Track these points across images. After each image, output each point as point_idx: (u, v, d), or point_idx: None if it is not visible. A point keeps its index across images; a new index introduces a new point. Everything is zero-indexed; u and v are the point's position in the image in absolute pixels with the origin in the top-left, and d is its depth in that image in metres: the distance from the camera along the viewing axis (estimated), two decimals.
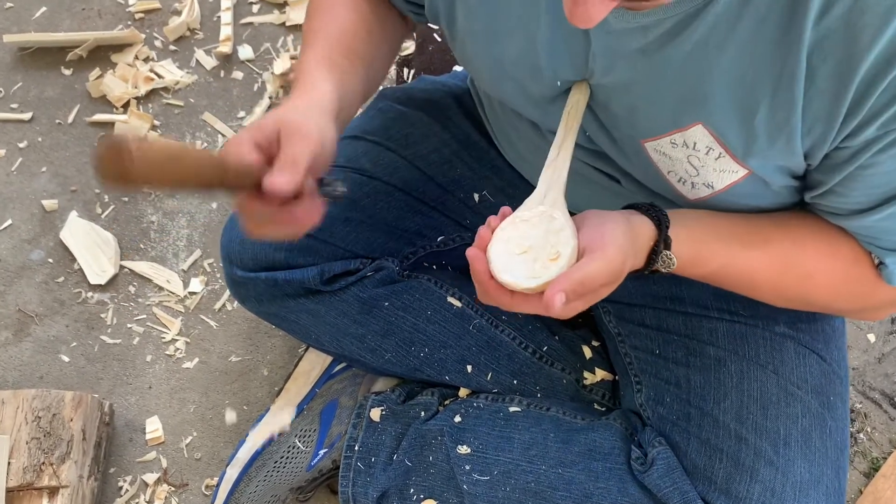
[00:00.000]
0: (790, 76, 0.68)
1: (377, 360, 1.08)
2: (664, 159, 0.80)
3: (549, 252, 0.71)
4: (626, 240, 0.73)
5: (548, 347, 1.11)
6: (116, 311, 1.32)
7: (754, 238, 0.81)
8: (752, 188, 0.79)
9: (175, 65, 1.51)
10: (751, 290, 0.86)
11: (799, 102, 0.69)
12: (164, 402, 1.26)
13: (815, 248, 0.81)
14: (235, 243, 1.06)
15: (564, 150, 0.78)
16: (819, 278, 0.82)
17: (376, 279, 1.05)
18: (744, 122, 0.72)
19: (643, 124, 0.78)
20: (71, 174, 1.43)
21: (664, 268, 0.78)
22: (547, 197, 0.75)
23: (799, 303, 0.87)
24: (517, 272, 0.71)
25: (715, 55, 0.70)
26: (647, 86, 0.75)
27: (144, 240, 1.37)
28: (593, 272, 0.69)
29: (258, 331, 1.29)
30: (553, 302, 0.67)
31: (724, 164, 0.77)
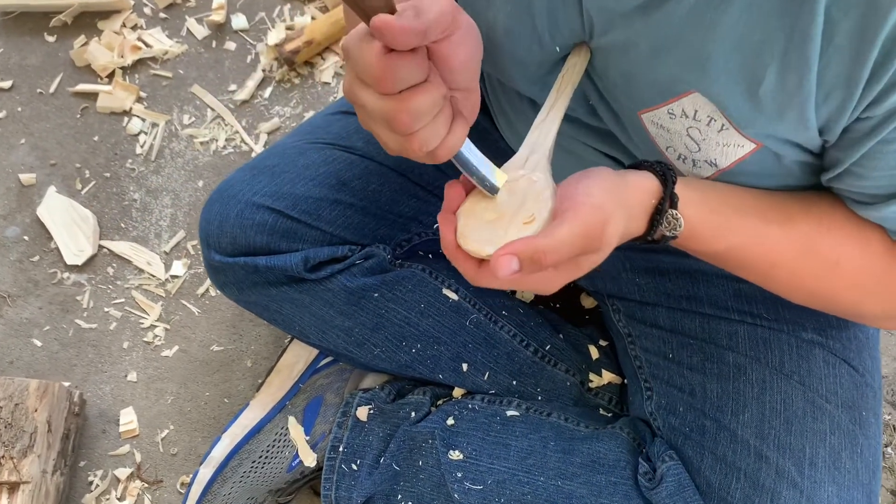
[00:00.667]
0: (803, 34, 0.58)
1: (365, 355, 1.00)
2: (662, 133, 0.71)
3: (524, 216, 0.62)
4: (607, 197, 0.62)
5: (551, 346, 1.03)
6: (93, 294, 1.24)
7: (776, 214, 0.71)
8: (762, 165, 0.70)
9: (164, 34, 1.42)
10: (766, 275, 0.76)
11: (814, 65, 0.59)
12: (141, 393, 1.18)
13: (842, 234, 0.72)
14: (214, 225, 0.97)
15: (554, 112, 0.69)
16: (845, 269, 0.72)
17: (365, 267, 0.97)
18: (748, 90, 0.63)
19: (639, 93, 0.69)
20: (51, 147, 1.34)
21: (670, 231, 0.68)
22: (529, 160, 0.66)
23: (820, 298, 0.77)
24: (483, 239, 0.61)
25: (719, 12, 0.60)
26: (644, 48, 0.66)
27: (125, 219, 1.29)
28: (561, 237, 0.58)
29: (243, 319, 1.21)
30: (498, 265, 0.57)
31: (729, 136, 0.67)
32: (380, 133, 0.61)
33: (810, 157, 0.69)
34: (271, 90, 1.37)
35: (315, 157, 0.99)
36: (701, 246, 0.71)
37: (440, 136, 0.60)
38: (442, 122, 0.59)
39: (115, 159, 1.33)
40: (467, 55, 0.60)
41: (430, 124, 0.59)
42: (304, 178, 0.97)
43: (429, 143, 0.59)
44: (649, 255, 0.95)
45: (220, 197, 0.98)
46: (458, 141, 0.62)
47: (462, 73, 0.60)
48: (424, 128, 0.58)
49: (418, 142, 0.59)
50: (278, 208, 0.95)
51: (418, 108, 0.57)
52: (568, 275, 0.63)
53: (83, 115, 1.36)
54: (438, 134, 0.59)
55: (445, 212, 0.65)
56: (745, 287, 0.89)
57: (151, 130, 1.35)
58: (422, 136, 0.59)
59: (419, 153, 0.60)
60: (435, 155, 0.62)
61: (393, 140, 0.60)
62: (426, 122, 0.58)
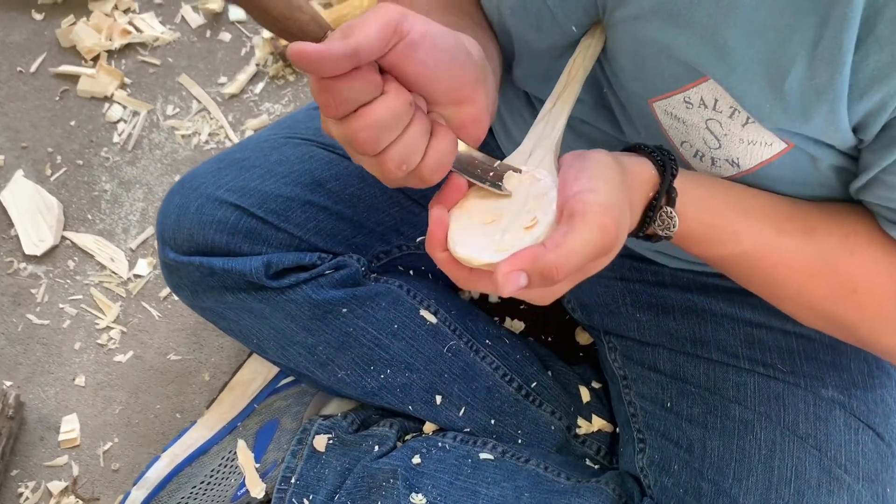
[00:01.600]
0: (839, 21, 0.50)
1: (328, 377, 0.89)
2: (676, 125, 0.61)
3: (525, 219, 0.53)
4: (614, 192, 0.53)
5: (537, 384, 0.92)
6: (49, 288, 1.14)
7: (793, 224, 0.62)
8: (795, 170, 0.60)
9: (157, 19, 1.34)
10: (771, 288, 0.66)
11: (848, 57, 0.51)
12: (87, 399, 1.07)
13: (867, 256, 0.62)
14: (171, 219, 0.88)
15: (563, 101, 0.60)
16: (865, 295, 0.63)
17: (335, 279, 0.87)
18: (771, 83, 0.54)
19: (650, 77, 0.60)
20: (24, 128, 1.26)
21: (662, 231, 0.59)
22: (533, 155, 0.57)
23: (833, 323, 0.67)
24: (477, 245, 0.52)
25: None
26: (656, 25, 0.57)
27: (94, 210, 1.20)
28: (573, 247, 0.50)
29: (205, 328, 1.11)
30: (506, 282, 0.49)
31: (755, 133, 0.58)
32: (361, 163, 0.54)
33: (849, 162, 0.59)
34: (263, 86, 1.28)
35: (290, 152, 0.89)
36: (696, 248, 0.62)
37: (418, 150, 0.52)
38: (415, 133, 0.51)
39: (89, 146, 1.24)
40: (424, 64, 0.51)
41: (400, 138, 0.51)
42: (276, 174, 0.88)
43: (406, 159, 0.51)
44: (653, 289, 0.85)
45: (182, 189, 0.89)
46: (444, 153, 0.53)
47: (429, 84, 0.52)
48: (395, 143, 0.51)
49: (393, 161, 0.51)
50: (243, 205, 0.85)
51: (376, 122, 0.49)
52: (571, 283, 0.53)
53: (62, 98, 1.28)
54: (414, 147, 0.52)
55: (439, 204, 0.55)
56: (759, 333, 0.79)
57: (132, 119, 1.26)
58: (394, 154, 0.51)
59: (400, 173, 0.52)
60: (422, 174, 0.53)
61: (371, 166, 0.53)
62: (393, 135, 0.50)
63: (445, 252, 0.53)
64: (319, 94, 0.49)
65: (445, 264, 0.54)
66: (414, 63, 0.51)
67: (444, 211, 0.54)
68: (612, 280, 0.87)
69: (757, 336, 0.78)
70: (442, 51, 0.52)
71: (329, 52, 0.46)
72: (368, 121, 0.49)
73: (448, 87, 0.53)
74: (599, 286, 0.89)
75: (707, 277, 0.82)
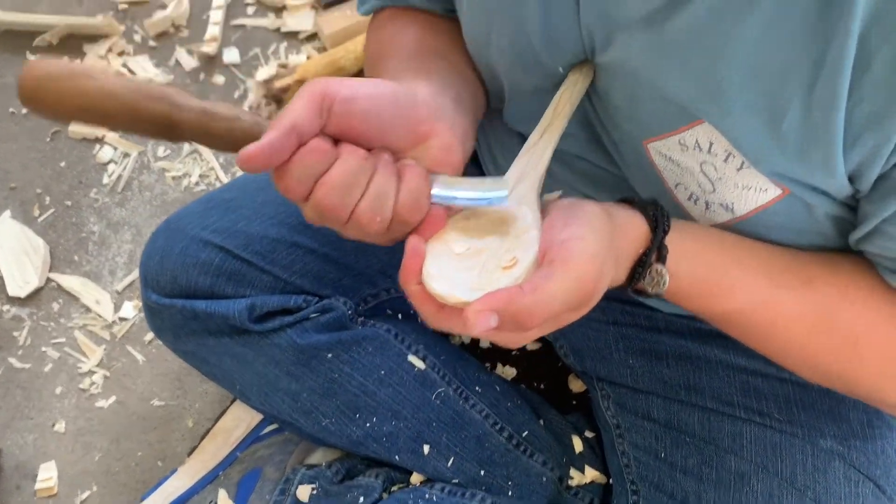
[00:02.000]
0: (836, 62, 0.48)
1: (312, 425, 0.87)
2: (671, 167, 0.60)
3: (504, 258, 0.51)
4: (601, 244, 0.51)
5: (528, 433, 0.89)
6: (32, 331, 1.12)
7: (790, 277, 0.60)
8: (790, 217, 0.58)
9: (152, 62, 1.34)
10: (770, 344, 0.64)
11: (842, 100, 0.49)
12: (67, 446, 1.04)
13: (868, 307, 0.60)
14: (154, 260, 0.86)
15: (549, 134, 0.59)
16: (867, 349, 0.61)
17: (321, 322, 0.85)
18: (769, 124, 0.52)
19: (645, 119, 0.59)
20: (14, 169, 1.25)
21: (652, 287, 0.57)
22: (516, 190, 0.56)
23: (835, 378, 0.64)
24: (452, 280, 0.50)
25: (733, 31, 0.51)
26: (649, 68, 0.56)
27: (80, 251, 1.18)
28: (551, 293, 0.48)
29: (190, 373, 1.08)
30: (476, 321, 0.47)
31: (750, 178, 0.56)
32: (345, 235, 0.55)
33: (846, 212, 0.57)
34: None
35: (277, 194, 0.84)
36: (689, 304, 0.60)
37: (388, 197, 0.52)
38: (379, 182, 0.52)
39: (79, 188, 1.23)
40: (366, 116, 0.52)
41: (366, 192, 0.51)
42: (262, 215, 0.86)
43: (378, 208, 0.51)
44: (646, 334, 0.83)
45: (167, 230, 0.87)
46: (415, 190, 0.52)
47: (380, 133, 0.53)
48: (363, 198, 0.51)
49: (365, 214, 0.51)
50: (227, 247, 0.84)
51: (334, 184, 0.50)
52: (544, 330, 0.52)
53: (53, 140, 1.27)
54: (383, 195, 0.51)
55: (416, 235, 0.54)
56: (755, 381, 0.76)
57: (122, 160, 1.25)
58: (365, 207, 0.51)
59: (376, 226, 0.52)
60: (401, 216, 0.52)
61: (353, 232, 0.54)
62: (357, 192, 0.51)
63: (419, 285, 0.52)
64: (279, 182, 0.50)
65: (417, 297, 0.52)
66: (357, 118, 0.51)
67: (422, 242, 0.53)
68: (605, 324, 0.85)
69: (753, 384, 0.76)
70: (381, 98, 0.52)
71: (269, 141, 0.48)
72: (327, 186, 0.50)
73: (404, 130, 0.53)
74: (591, 330, 0.86)
75: (701, 323, 0.80)
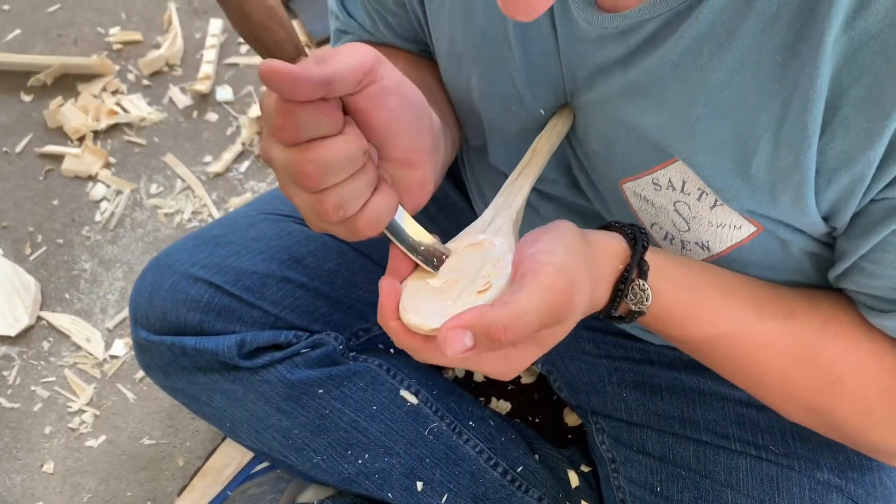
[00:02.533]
0: (803, 101, 0.48)
1: (303, 462, 0.85)
2: (646, 207, 0.60)
3: (479, 283, 0.51)
4: (572, 255, 0.50)
5: (523, 468, 0.88)
6: (22, 370, 1.11)
7: (773, 307, 0.59)
8: (766, 254, 0.58)
9: (145, 100, 1.35)
10: (752, 378, 0.62)
11: (814, 139, 0.49)
12: (55, 487, 1.03)
13: (850, 343, 0.59)
14: (143, 297, 0.85)
15: (526, 174, 0.60)
16: (849, 387, 0.59)
17: (311, 358, 0.84)
18: (737, 165, 0.53)
19: (620, 159, 0.59)
20: (6, 208, 1.25)
21: (635, 305, 0.56)
22: (492, 224, 0.56)
23: (817, 416, 0.63)
24: (428, 312, 0.50)
25: (706, 70, 0.51)
26: (625, 107, 0.56)
27: (72, 289, 1.17)
28: (521, 306, 0.47)
29: (181, 411, 1.07)
30: (449, 340, 0.46)
31: (723, 215, 0.56)
32: (293, 196, 0.51)
33: (822, 249, 0.57)
34: (248, 164, 1.28)
35: (267, 228, 0.88)
36: (674, 330, 0.59)
37: (359, 200, 0.49)
38: (360, 183, 0.49)
39: (71, 225, 1.23)
40: (392, 114, 0.50)
41: (345, 182, 0.48)
42: (252, 250, 0.86)
43: (345, 205, 0.49)
44: (640, 367, 0.82)
45: (156, 266, 0.87)
46: (383, 211, 0.51)
47: (390, 136, 0.51)
48: (339, 186, 0.48)
49: (332, 202, 0.48)
50: (217, 282, 0.83)
51: (326, 159, 0.47)
52: (528, 354, 0.51)
53: (46, 178, 1.28)
54: (357, 195, 0.49)
55: (391, 276, 0.53)
56: (750, 413, 0.75)
57: (115, 198, 1.25)
58: (336, 196, 0.48)
59: (334, 217, 0.49)
60: (356, 225, 0.50)
61: (306, 202, 0.50)
62: (339, 178, 0.48)
63: (398, 321, 0.51)
64: (277, 114, 0.46)
65: (398, 334, 0.51)
66: (383, 110, 0.49)
67: (395, 281, 0.52)
68: (598, 358, 0.85)
69: (748, 416, 0.75)
70: (411, 106, 0.51)
71: (303, 74, 0.43)
72: (318, 155, 0.46)
73: (407, 146, 0.51)
74: (585, 364, 0.86)
75: None
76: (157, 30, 1.44)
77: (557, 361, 0.89)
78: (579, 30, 0.57)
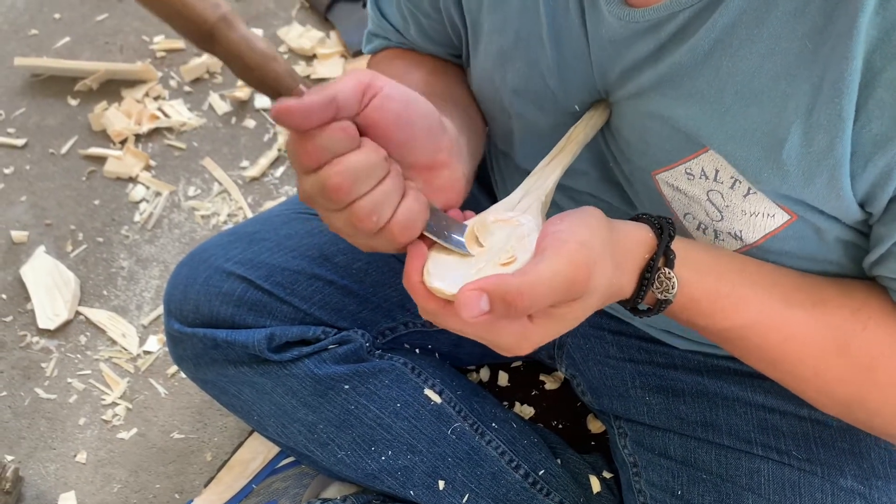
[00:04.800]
0: (835, 86, 0.49)
1: (328, 457, 0.87)
2: (679, 197, 0.60)
3: (503, 257, 0.52)
4: (595, 236, 0.51)
5: (545, 471, 0.88)
6: (59, 362, 1.14)
7: (803, 296, 0.59)
8: (801, 243, 0.58)
9: (186, 106, 1.39)
10: (781, 366, 0.62)
11: (848, 123, 0.50)
12: (87, 477, 1.05)
13: (883, 332, 0.59)
14: (178, 290, 0.88)
15: (559, 159, 0.61)
16: (882, 374, 0.59)
17: (338, 354, 0.85)
18: (769, 151, 0.53)
19: (653, 150, 0.60)
20: (50, 206, 1.29)
21: (661, 294, 0.56)
22: (521, 203, 0.58)
23: (849, 408, 0.62)
24: (451, 278, 0.51)
25: (737, 59, 0.52)
26: (657, 100, 0.57)
27: (109, 286, 1.21)
28: (539, 275, 0.48)
29: (210, 406, 1.09)
30: (464, 303, 0.47)
31: (757, 204, 0.56)
32: (333, 221, 0.53)
33: (857, 237, 0.57)
34: (284, 169, 1.31)
35: (299, 227, 0.90)
36: (701, 319, 0.59)
37: (390, 205, 0.51)
38: (388, 188, 0.51)
39: (111, 224, 1.27)
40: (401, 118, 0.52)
41: (374, 190, 0.50)
42: (284, 248, 0.88)
43: (378, 210, 0.51)
44: (663, 371, 0.82)
45: (191, 261, 0.89)
46: (416, 212, 0.53)
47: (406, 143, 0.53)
48: (368, 194, 0.50)
49: (363, 209, 0.50)
50: (250, 277, 0.85)
51: (351, 168, 0.49)
52: (544, 329, 0.52)
53: (89, 179, 1.32)
54: (387, 199, 0.51)
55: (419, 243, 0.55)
56: (772, 418, 0.75)
57: (154, 199, 1.29)
58: (367, 203, 0.50)
59: (370, 225, 0.51)
60: (392, 231, 0.52)
61: (343, 221, 0.52)
62: (367, 186, 0.50)
63: (421, 282, 0.52)
64: (296, 144, 0.49)
65: (420, 294, 0.52)
66: (390, 118, 0.51)
67: (423, 245, 0.54)
68: (622, 361, 0.85)
69: (770, 421, 0.75)
70: (417, 112, 0.53)
71: (309, 102, 0.47)
72: (343, 167, 0.49)
73: (425, 151, 0.53)
74: (608, 367, 0.86)
75: (718, 360, 0.79)
76: None
77: (581, 365, 0.90)
78: (608, 30, 0.58)
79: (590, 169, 0.70)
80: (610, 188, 0.70)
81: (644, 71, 0.57)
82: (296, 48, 1.44)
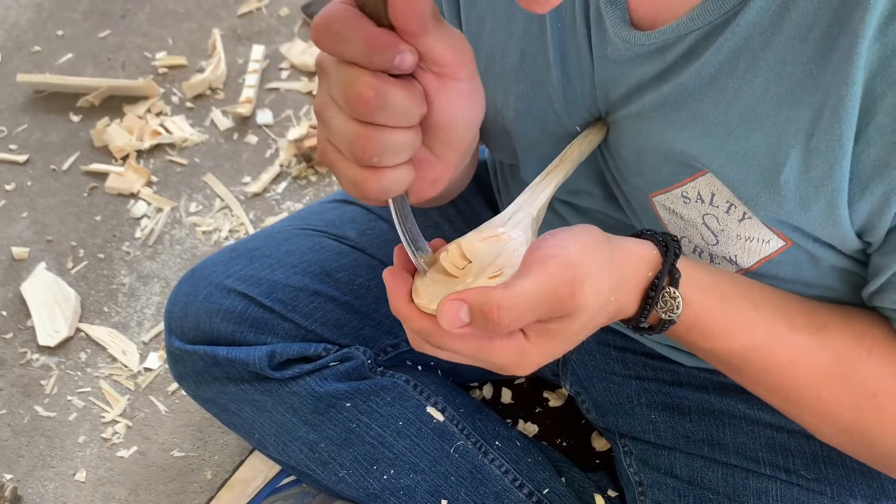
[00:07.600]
0: (835, 111, 0.48)
1: (330, 476, 0.86)
2: (675, 220, 0.60)
3: (491, 270, 0.51)
4: (586, 255, 0.50)
5: (549, 490, 0.87)
6: (59, 380, 1.13)
7: (806, 320, 0.58)
8: (796, 269, 0.58)
9: (188, 122, 1.39)
10: (786, 392, 0.61)
11: (848, 148, 0.49)
12: (86, 496, 1.04)
13: (887, 359, 0.58)
14: (178, 307, 0.87)
15: (552, 177, 0.60)
16: (885, 401, 0.58)
17: (340, 371, 0.85)
18: (766, 176, 0.53)
19: (651, 171, 0.59)
20: (51, 223, 1.29)
21: (666, 314, 0.55)
22: (512, 219, 0.56)
23: (851, 436, 0.61)
24: (439, 293, 0.50)
25: (743, 82, 0.52)
26: (659, 122, 0.56)
27: (110, 303, 1.20)
28: (519, 290, 0.47)
29: (211, 424, 1.08)
30: (443, 312, 0.46)
31: (752, 229, 0.56)
32: (337, 163, 0.49)
33: (854, 265, 0.56)
34: (285, 185, 1.30)
35: (301, 243, 0.89)
36: (705, 342, 0.58)
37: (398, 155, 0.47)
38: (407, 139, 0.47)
39: (112, 241, 1.26)
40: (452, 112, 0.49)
41: (394, 130, 0.46)
42: (286, 264, 0.87)
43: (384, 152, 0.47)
44: (669, 388, 0.81)
45: (192, 277, 0.89)
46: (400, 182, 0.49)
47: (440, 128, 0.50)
48: (387, 130, 0.46)
49: (375, 142, 0.46)
50: (251, 294, 0.85)
51: (386, 91, 0.44)
52: (542, 348, 0.50)
53: (90, 195, 1.31)
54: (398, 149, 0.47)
55: (397, 268, 0.53)
56: (781, 437, 0.74)
57: (155, 215, 1.28)
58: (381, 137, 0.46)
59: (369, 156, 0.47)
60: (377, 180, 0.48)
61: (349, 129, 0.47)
62: (391, 120, 0.46)
63: (410, 304, 0.50)
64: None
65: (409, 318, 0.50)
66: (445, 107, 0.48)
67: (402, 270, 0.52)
68: (627, 378, 0.84)
69: (778, 440, 0.74)
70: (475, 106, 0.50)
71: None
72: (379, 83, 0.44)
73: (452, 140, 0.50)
74: (613, 384, 0.85)
75: (724, 377, 0.78)
76: (202, 55, 1.48)
77: (586, 382, 0.89)
78: (613, 51, 0.57)
79: (592, 188, 0.69)
80: (615, 206, 0.70)
81: (647, 92, 0.57)
82: (298, 64, 1.44)
